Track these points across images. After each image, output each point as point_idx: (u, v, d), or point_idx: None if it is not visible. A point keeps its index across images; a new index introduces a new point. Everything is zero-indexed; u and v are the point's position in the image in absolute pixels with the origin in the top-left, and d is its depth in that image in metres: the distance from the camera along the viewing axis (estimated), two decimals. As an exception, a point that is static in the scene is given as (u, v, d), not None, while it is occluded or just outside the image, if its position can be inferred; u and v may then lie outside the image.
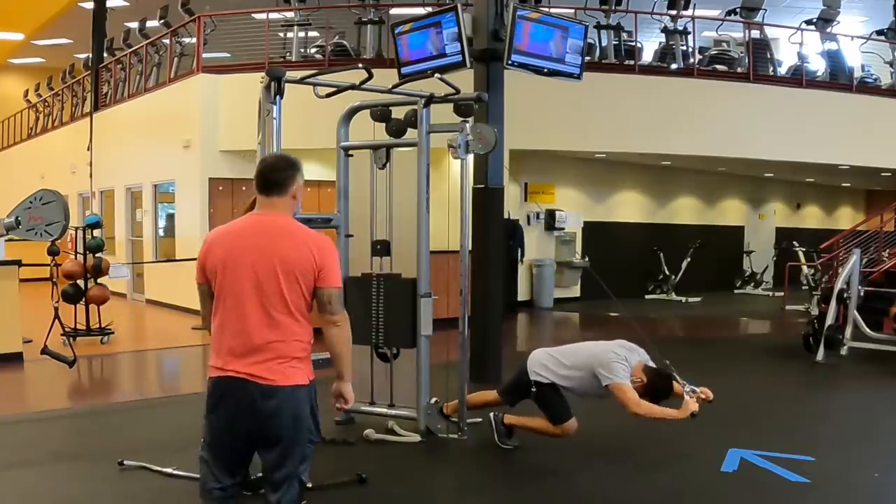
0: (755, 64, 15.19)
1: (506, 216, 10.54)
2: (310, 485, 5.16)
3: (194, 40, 15.16)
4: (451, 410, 6.84)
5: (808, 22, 15.88)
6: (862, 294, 10.94)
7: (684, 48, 15.36)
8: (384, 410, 7.00)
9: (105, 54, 19.62)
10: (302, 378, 3.69)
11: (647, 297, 18.64)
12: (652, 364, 6.20)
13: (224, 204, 14.61)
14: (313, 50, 15.29)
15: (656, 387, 6.02)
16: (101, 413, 8.11)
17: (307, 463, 3.80)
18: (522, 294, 16.44)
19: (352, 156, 7.17)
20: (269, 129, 6.03)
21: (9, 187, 22.81)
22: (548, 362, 6.32)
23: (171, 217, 16.78)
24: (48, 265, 8.86)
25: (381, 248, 7.00)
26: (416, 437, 6.70)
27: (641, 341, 6.52)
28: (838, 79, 15.81)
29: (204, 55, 14.93)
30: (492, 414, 6.60)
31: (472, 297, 7.66)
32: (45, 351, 8.75)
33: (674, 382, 6.11)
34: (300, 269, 3.64)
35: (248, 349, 3.64)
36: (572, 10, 13.47)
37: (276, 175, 3.79)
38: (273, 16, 15.16)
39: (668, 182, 19.79)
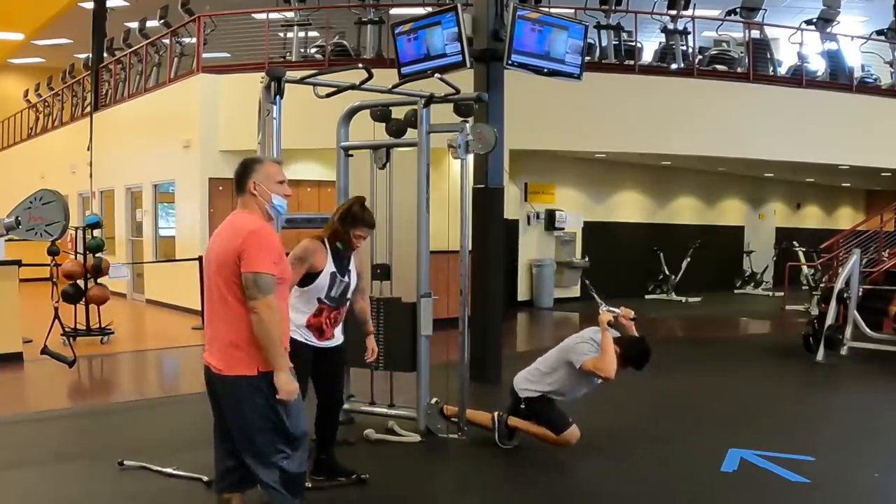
0: (755, 64, 15.18)
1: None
2: (309, 484, 5.18)
3: (194, 40, 15.16)
4: (452, 413, 6.84)
5: (808, 22, 15.88)
6: (861, 293, 10.94)
7: (684, 48, 15.35)
8: (384, 410, 7.00)
9: (105, 54, 19.62)
10: (247, 368, 3.81)
11: (647, 297, 18.63)
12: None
13: (224, 204, 14.59)
14: (313, 50, 15.29)
15: (632, 354, 6.22)
16: (101, 413, 8.11)
17: (286, 455, 3.88)
18: (522, 294, 16.45)
19: (352, 156, 7.17)
20: (269, 129, 6.03)
21: (9, 187, 22.82)
22: (530, 376, 6.43)
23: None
24: (48, 265, 8.87)
25: (382, 272, 6.99)
26: (417, 437, 6.70)
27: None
28: (838, 79, 15.80)
29: (204, 55, 14.93)
30: (496, 414, 6.60)
31: (472, 297, 7.66)
32: (45, 351, 8.75)
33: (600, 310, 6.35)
34: (227, 259, 3.82)
35: (208, 339, 3.98)
36: (572, 10, 13.47)
37: (237, 178, 4.05)
38: (273, 16, 15.16)
39: (668, 182, 19.79)
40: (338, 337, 5.37)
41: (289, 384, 3.82)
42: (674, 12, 15.16)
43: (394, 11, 14.28)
